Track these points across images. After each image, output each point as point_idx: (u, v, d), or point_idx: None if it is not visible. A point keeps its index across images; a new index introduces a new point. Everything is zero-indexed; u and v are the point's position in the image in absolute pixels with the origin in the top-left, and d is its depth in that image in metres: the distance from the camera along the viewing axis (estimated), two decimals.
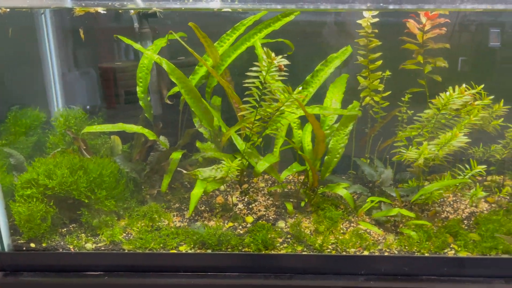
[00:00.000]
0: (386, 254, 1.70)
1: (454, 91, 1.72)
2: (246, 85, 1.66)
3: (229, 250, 1.71)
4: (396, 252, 1.71)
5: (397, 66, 1.99)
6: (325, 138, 1.75)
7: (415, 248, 1.71)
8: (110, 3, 2.06)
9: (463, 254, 1.69)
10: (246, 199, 2.05)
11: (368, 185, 2.05)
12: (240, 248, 1.72)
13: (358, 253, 1.71)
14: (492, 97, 1.93)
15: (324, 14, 2.19)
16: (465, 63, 2.18)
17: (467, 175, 1.79)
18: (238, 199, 2.05)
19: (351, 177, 2.16)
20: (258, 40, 1.99)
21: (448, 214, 1.96)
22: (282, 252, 1.71)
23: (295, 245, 1.73)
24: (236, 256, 1.69)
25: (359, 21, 1.82)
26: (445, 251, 1.71)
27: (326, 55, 2.02)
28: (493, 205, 2.00)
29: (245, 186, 2.15)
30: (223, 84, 1.80)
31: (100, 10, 1.57)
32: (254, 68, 1.62)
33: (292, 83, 1.79)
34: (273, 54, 1.60)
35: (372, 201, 1.85)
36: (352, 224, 1.88)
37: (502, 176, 2.16)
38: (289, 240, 1.76)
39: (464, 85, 1.77)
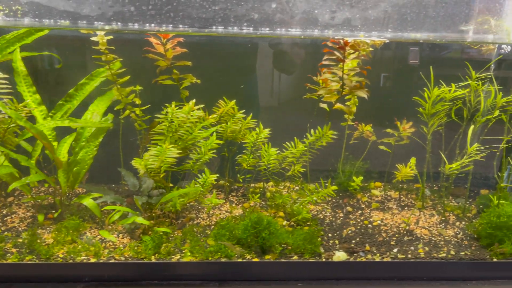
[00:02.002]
0: (112, 261, 1.77)
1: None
2: None
3: None
4: (123, 258, 1.79)
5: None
6: (53, 148, 1.81)
7: (144, 255, 1.80)
8: None
9: (187, 259, 1.80)
10: (4, 212, 2.05)
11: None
12: None
13: (85, 261, 1.76)
14: (243, 111, 2.12)
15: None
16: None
17: (202, 183, 1.92)
18: None
19: (122, 187, 2.24)
20: (17, 52, 2.01)
21: (201, 220, 2.08)
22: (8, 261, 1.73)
23: (25, 254, 1.76)
24: None
25: (93, 38, 1.90)
26: (172, 256, 1.81)
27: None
28: (247, 210, 2.16)
29: (11, 199, 2.15)
30: None
31: None
32: None
33: None
34: None
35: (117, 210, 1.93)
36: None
37: (270, 183, 2.35)
38: (23, 250, 1.79)
39: (194, 101, 1.91)
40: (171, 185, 2.17)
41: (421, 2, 2.07)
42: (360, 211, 2.20)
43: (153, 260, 1.78)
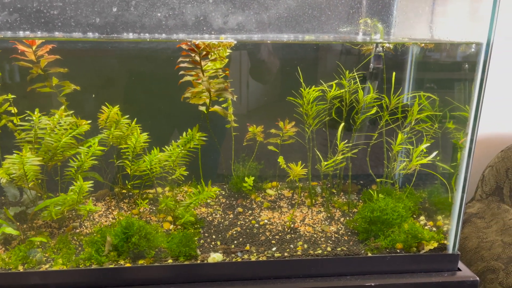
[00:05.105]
0: None
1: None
2: None
3: None
4: None
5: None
6: None
7: (11, 265, 1.77)
8: None
9: (57, 267, 1.77)
10: None
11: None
12: None
13: None
14: (125, 116, 2.11)
15: None
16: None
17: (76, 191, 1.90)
18: None
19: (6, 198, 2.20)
20: None
21: (85, 228, 2.06)
22: None
23: None
24: None
25: None
26: (42, 265, 1.79)
27: None
28: (136, 216, 2.15)
29: None
30: None
31: None
32: None
33: None
34: None
35: None
36: None
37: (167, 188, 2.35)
38: None
39: (63, 107, 1.90)
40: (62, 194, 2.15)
41: (307, 6, 2.11)
42: (250, 211, 2.21)
43: (21, 270, 1.76)
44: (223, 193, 2.39)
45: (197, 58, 1.69)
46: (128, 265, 1.80)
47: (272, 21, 2.12)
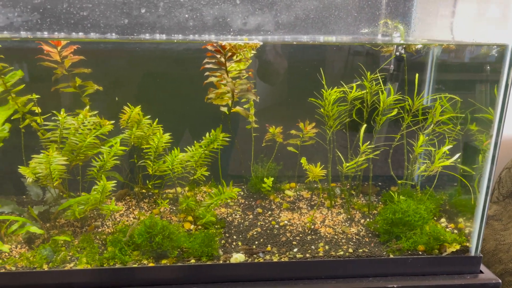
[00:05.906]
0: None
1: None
2: None
3: None
4: (14, 268, 1.77)
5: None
6: None
7: (36, 264, 1.79)
8: None
9: (81, 266, 1.79)
10: None
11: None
12: None
13: None
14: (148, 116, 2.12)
15: None
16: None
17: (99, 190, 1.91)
18: None
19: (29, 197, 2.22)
20: None
21: (107, 227, 2.08)
22: None
23: None
24: None
25: None
26: (67, 264, 1.80)
27: None
28: (156, 215, 2.15)
29: None
30: None
31: None
32: None
33: None
34: None
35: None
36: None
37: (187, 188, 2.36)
38: None
39: (88, 107, 1.91)
40: (84, 193, 2.16)
41: (328, 7, 2.11)
42: (270, 212, 2.22)
43: (46, 269, 1.77)
44: (242, 193, 2.40)
45: (222, 59, 1.70)
46: (151, 264, 1.81)
47: (297, 22, 2.12)
